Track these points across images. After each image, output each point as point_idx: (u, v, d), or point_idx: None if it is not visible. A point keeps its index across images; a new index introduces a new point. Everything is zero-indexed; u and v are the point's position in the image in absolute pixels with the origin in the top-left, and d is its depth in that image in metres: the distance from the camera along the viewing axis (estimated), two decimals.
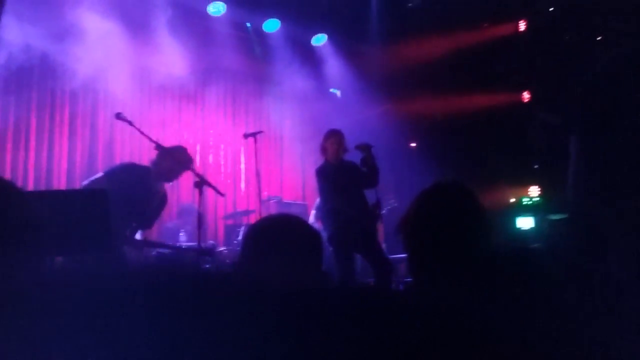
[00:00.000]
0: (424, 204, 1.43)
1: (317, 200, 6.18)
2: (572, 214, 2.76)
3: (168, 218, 6.57)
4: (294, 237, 1.25)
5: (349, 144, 4.64)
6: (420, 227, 1.40)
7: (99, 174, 3.92)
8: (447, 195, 1.42)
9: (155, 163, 4.00)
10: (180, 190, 6.60)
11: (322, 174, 4.52)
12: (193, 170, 3.92)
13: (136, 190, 3.88)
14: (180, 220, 6.23)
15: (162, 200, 4.16)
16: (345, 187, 4.43)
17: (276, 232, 1.26)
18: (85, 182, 3.90)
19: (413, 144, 8.29)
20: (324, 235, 5.21)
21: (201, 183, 3.85)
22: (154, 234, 6.38)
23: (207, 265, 5.12)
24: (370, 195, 4.62)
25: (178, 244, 5.40)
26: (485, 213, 1.42)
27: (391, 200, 5.53)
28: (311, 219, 5.71)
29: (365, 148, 4.59)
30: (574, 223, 2.72)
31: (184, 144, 6.92)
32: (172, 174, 4.00)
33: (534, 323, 1.13)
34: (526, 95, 7.65)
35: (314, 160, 8.22)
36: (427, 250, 1.38)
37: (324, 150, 4.59)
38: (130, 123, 4.05)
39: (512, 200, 8.78)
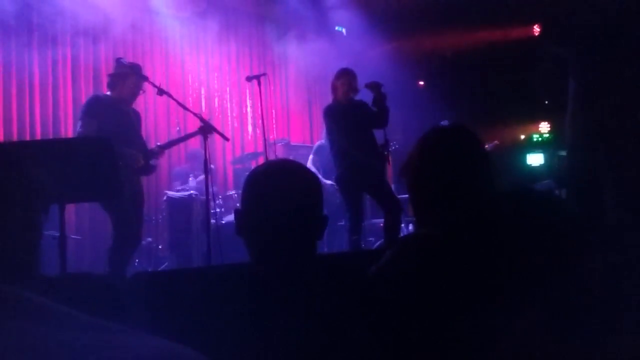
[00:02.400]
0: (424, 148, 1.42)
1: (317, 143, 6.17)
2: (569, 155, 2.74)
3: (177, 162, 6.61)
4: (292, 181, 1.25)
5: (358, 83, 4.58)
6: (421, 171, 1.41)
7: (83, 120, 3.89)
8: (448, 138, 1.41)
9: (112, 88, 4.06)
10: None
11: (331, 113, 4.49)
12: (149, 81, 3.98)
13: (119, 117, 3.96)
14: (188, 164, 6.27)
15: (137, 118, 4.22)
16: (354, 128, 4.41)
17: (273, 176, 1.25)
18: (79, 130, 3.89)
19: (421, 83, 8.16)
20: (325, 180, 5.25)
21: (205, 129, 3.84)
22: (164, 177, 6.46)
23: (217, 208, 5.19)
24: (378, 135, 4.60)
25: (189, 192, 5.45)
26: (487, 154, 1.41)
27: (394, 143, 5.49)
28: (309, 163, 5.72)
29: (375, 87, 4.52)
30: (570, 164, 2.70)
31: (188, 89, 6.99)
32: (134, 91, 4.06)
33: (536, 270, 1.14)
34: (537, 29, 7.42)
35: (320, 102, 8.18)
36: (429, 194, 1.38)
37: (334, 89, 4.53)
38: (130, 68, 4.02)
39: (522, 137, 8.71)
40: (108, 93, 4.12)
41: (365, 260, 1.56)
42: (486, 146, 6.35)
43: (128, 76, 4.02)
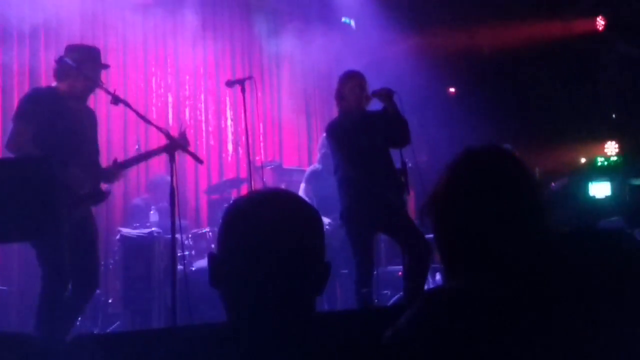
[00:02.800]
0: (455, 177, 1.42)
1: (310, 169, 6.19)
2: None
3: (135, 191, 6.62)
4: (285, 217, 1.24)
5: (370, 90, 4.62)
6: (451, 208, 1.40)
7: (16, 123, 3.84)
8: (485, 164, 1.41)
9: (62, 79, 4.01)
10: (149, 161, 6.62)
11: (337, 131, 4.51)
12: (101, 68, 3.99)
13: (66, 118, 3.92)
14: (149, 195, 6.28)
15: (92, 119, 4.19)
16: (367, 148, 4.43)
17: (260, 211, 1.24)
18: (8, 137, 3.82)
19: (452, 90, 8.22)
20: (326, 217, 5.25)
21: (173, 146, 3.85)
22: (118, 212, 6.45)
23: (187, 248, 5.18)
24: (394, 156, 4.62)
25: (149, 229, 5.45)
26: (538, 186, 1.41)
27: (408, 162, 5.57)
28: (300, 193, 5.75)
29: (384, 95, 4.55)
30: None
31: (152, 96, 7.05)
32: (89, 82, 4.02)
33: (609, 335, 1.13)
34: (600, 22, 7.52)
35: (322, 114, 8.24)
36: (461, 236, 1.37)
37: (340, 98, 4.55)
38: (87, 53, 4.04)
39: (583, 160, 8.74)
40: (54, 85, 4.06)
41: (378, 321, 1.54)
42: (552, 185, 6.38)
43: (83, 62, 3.98)
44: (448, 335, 1.22)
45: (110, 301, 5.56)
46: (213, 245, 5.66)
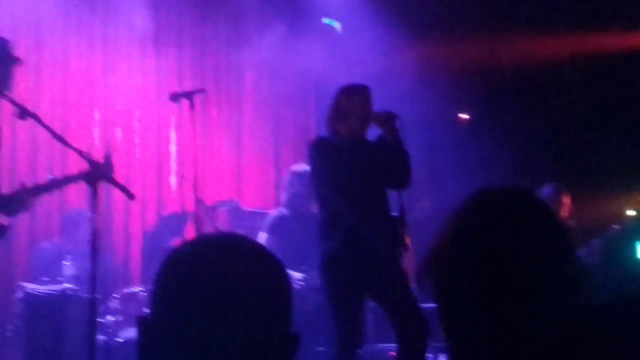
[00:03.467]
0: (462, 229, 1.42)
1: (274, 214, 6.21)
2: None
3: (44, 234, 6.56)
4: (241, 272, 1.24)
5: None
6: (457, 270, 1.39)
7: None
8: (503, 213, 1.42)
9: None
10: (67, 189, 6.58)
11: (325, 151, 4.54)
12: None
13: None
14: (65, 238, 6.22)
15: None
16: (361, 182, 4.47)
17: (208, 263, 1.24)
18: None
19: (464, 116, 8.30)
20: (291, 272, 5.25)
21: (95, 175, 3.83)
22: (18, 260, 6.37)
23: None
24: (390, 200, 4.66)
25: (62, 285, 5.40)
26: (570, 242, 1.42)
27: (425, 207, 5.57)
28: (261, 242, 5.74)
29: (384, 120, 4.61)
30: None
31: (71, 111, 7.01)
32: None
33: None
34: None
35: (293, 140, 8.25)
36: (470, 306, 1.37)
37: (339, 114, 4.61)
38: None
39: (631, 213, 8.82)
40: None
41: None
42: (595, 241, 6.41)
43: None
44: None
45: None
46: (145, 309, 5.61)
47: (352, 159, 4.50)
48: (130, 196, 4.23)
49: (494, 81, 8.14)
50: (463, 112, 8.30)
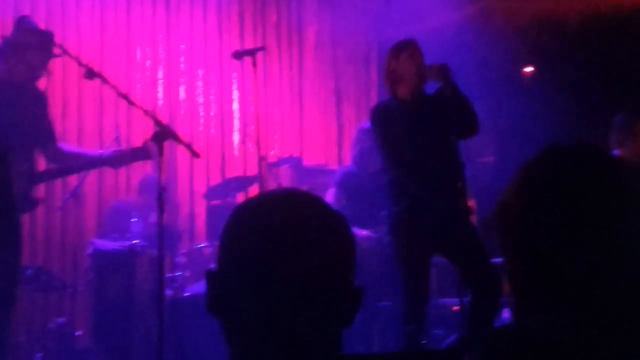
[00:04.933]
0: (531, 185, 1.41)
1: (342, 170, 6.21)
2: None
3: (114, 194, 6.68)
4: (307, 227, 1.25)
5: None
6: (526, 224, 1.38)
7: None
8: (573, 169, 1.40)
9: (2, 59, 4.21)
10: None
11: (385, 117, 4.52)
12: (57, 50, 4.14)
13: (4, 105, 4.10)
14: (141, 199, 6.32)
15: (39, 106, 4.36)
16: (424, 140, 4.44)
17: (274, 219, 1.25)
18: None
19: (528, 69, 8.17)
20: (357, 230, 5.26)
21: (162, 135, 3.89)
22: (89, 217, 6.51)
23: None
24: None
25: (130, 241, 5.50)
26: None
27: (488, 163, 5.51)
28: (329, 199, 5.75)
29: (438, 72, 4.54)
30: None
31: (135, 70, 7.09)
32: (33, 72, 4.21)
33: None
34: None
35: (356, 97, 8.23)
36: (538, 265, 1.36)
37: (392, 76, 4.57)
38: (35, 36, 4.16)
39: None
40: None
41: None
42: None
43: (29, 47, 4.16)
44: None
45: (79, 334, 5.61)
46: (212, 265, 5.68)
47: (412, 119, 4.47)
48: (196, 154, 4.27)
49: (558, 33, 7.98)
50: (527, 65, 8.18)
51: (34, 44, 4.16)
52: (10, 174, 2.93)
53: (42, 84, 4.58)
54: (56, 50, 4.27)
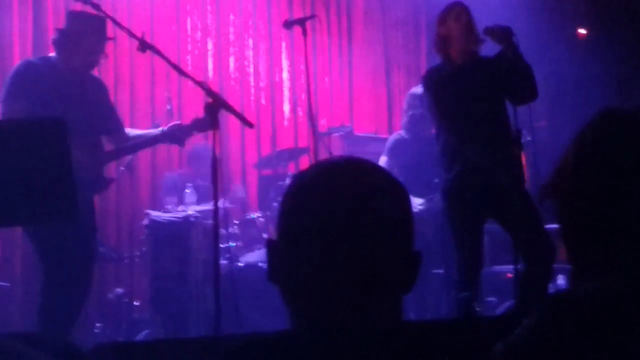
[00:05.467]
0: (587, 150, 1.40)
1: (393, 137, 6.18)
2: None
3: (167, 165, 6.75)
4: (365, 194, 1.26)
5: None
6: (582, 190, 1.39)
7: (5, 103, 4.13)
8: (630, 133, 1.39)
9: (59, 50, 4.28)
10: (184, 119, 6.72)
11: (438, 81, 4.48)
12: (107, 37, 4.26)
13: (65, 93, 4.19)
14: (189, 169, 6.40)
15: (99, 93, 4.47)
16: (476, 106, 4.41)
17: (333, 187, 1.26)
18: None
19: (583, 31, 8.04)
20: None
21: (215, 106, 3.92)
22: (143, 189, 6.60)
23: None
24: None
25: (185, 210, 5.57)
26: None
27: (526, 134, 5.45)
28: (382, 163, 5.75)
29: (501, 35, 4.48)
30: None
31: (186, 42, 7.14)
32: (90, 58, 4.31)
33: None
34: None
35: (406, 65, 8.18)
36: (595, 230, 1.36)
37: (442, 41, 4.53)
38: (88, 23, 4.22)
39: None
40: (52, 55, 4.34)
41: (483, 334, 1.54)
42: None
43: (84, 35, 4.24)
44: (582, 351, 1.22)
45: (136, 303, 5.73)
46: (265, 235, 5.74)
47: (464, 84, 4.42)
48: (249, 124, 4.30)
49: None
50: (581, 27, 8.05)
51: (89, 31, 4.23)
52: (69, 144, 2.98)
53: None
54: (110, 34, 4.35)
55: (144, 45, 4.03)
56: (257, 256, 5.49)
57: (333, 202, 1.25)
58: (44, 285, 4.06)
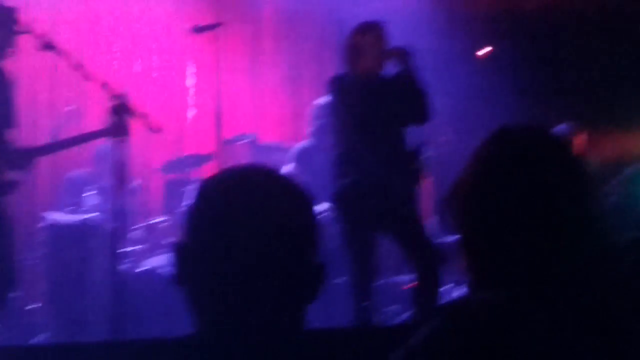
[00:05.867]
0: (484, 165, 1.45)
1: (299, 146, 6.24)
2: None
3: (67, 164, 6.61)
4: (270, 201, 1.29)
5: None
6: (479, 204, 1.43)
7: None
8: (524, 150, 1.44)
9: None
10: (87, 122, 6.61)
11: (342, 89, 4.57)
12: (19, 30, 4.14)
13: None
14: (92, 169, 6.28)
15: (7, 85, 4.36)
16: (377, 117, 4.49)
17: (238, 193, 1.29)
18: None
19: (483, 51, 8.24)
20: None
21: (120, 109, 3.88)
22: (41, 190, 6.45)
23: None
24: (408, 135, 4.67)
25: (83, 214, 5.47)
26: (588, 179, 1.45)
27: (446, 142, 5.57)
28: (287, 170, 5.78)
29: (399, 55, 4.60)
30: None
31: (89, 42, 7.01)
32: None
33: None
34: None
35: (314, 75, 8.21)
36: (491, 243, 1.40)
37: (354, 52, 4.61)
38: None
39: None
40: None
41: (382, 342, 1.58)
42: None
43: None
44: (476, 357, 1.26)
45: (32, 307, 5.59)
46: (169, 239, 5.68)
47: (366, 96, 4.50)
48: (154, 129, 4.27)
49: (515, 16, 8.06)
50: (482, 47, 8.24)
51: None
52: None
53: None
54: (20, 27, 4.23)
55: (47, 46, 3.96)
56: (158, 261, 5.43)
57: (237, 210, 1.27)
58: None
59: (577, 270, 1.36)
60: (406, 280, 5.73)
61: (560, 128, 6.23)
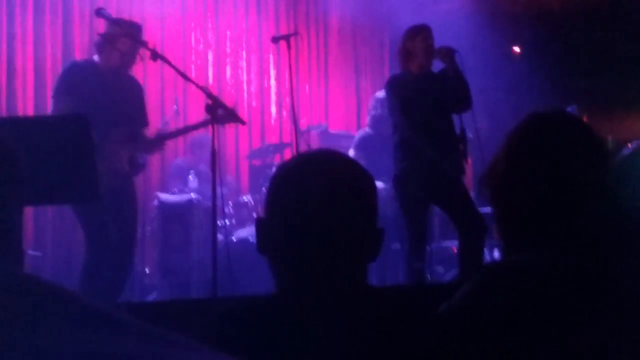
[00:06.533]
0: (517, 147, 1.42)
1: (359, 134, 6.18)
2: None
3: (174, 154, 6.73)
4: (338, 180, 1.28)
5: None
6: (512, 180, 1.41)
7: (56, 98, 4.11)
8: (551, 132, 1.41)
9: (100, 52, 4.23)
10: (188, 117, 6.72)
11: (399, 87, 4.52)
12: (146, 46, 4.15)
13: (107, 90, 4.14)
14: (192, 156, 6.37)
15: (135, 90, 4.42)
16: (430, 109, 4.45)
17: (312, 173, 1.28)
18: (50, 113, 4.09)
19: (516, 49, 8.07)
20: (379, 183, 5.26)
21: (214, 106, 3.92)
22: (154, 174, 6.58)
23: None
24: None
25: (188, 193, 5.56)
26: (609, 157, 1.41)
27: (482, 128, 5.47)
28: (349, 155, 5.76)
29: (446, 54, 4.54)
30: None
31: (190, 53, 7.11)
32: (126, 58, 4.23)
33: None
34: None
35: (372, 73, 8.19)
36: (523, 208, 1.39)
37: (406, 54, 4.55)
38: (112, 20, 4.15)
39: None
40: (95, 58, 4.28)
41: (432, 297, 1.57)
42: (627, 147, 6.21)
43: (119, 36, 4.16)
44: (508, 312, 1.24)
45: (147, 271, 5.71)
46: (254, 214, 5.74)
47: (420, 91, 4.46)
48: (241, 122, 4.30)
49: (543, 17, 7.88)
50: (515, 46, 8.09)
51: (123, 33, 4.14)
52: (91, 136, 2.97)
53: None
54: (144, 40, 4.25)
55: (156, 56, 4.01)
56: (247, 232, 5.50)
57: (311, 186, 1.26)
58: (86, 257, 4.00)
59: (599, 235, 1.33)
60: (452, 244, 5.69)
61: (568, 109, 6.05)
